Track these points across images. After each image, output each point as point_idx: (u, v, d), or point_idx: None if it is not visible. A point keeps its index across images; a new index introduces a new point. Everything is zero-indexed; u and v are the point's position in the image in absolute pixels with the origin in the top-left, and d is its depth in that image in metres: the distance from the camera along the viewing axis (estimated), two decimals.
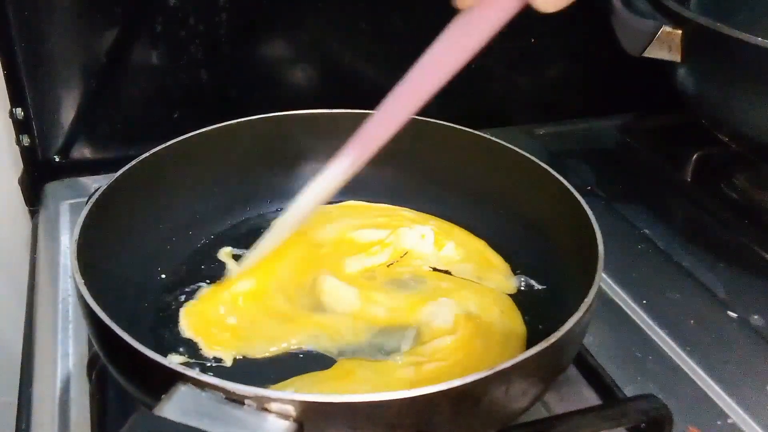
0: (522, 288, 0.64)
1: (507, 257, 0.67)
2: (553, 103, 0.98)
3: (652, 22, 0.71)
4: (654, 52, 0.72)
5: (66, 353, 0.62)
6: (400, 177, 0.72)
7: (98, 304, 0.47)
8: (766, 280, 0.72)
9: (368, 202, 0.72)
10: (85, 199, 0.57)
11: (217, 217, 0.69)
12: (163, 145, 0.64)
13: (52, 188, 0.83)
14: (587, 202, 0.58)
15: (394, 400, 0.40)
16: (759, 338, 0.65)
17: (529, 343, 0.57)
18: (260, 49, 0.85)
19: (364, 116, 0.70)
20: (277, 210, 0.71)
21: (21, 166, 0.84)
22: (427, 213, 0.71)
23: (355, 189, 0.70)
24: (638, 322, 0.67)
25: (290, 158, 0.71)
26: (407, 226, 0.68)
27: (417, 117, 0.69)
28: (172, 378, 0.41)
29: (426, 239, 0.66)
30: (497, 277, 0.64)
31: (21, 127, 0.80)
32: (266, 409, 0.39)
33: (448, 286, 0.62)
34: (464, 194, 0.70)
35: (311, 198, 0.57)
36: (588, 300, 0.48)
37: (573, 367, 0.56)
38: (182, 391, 0.40)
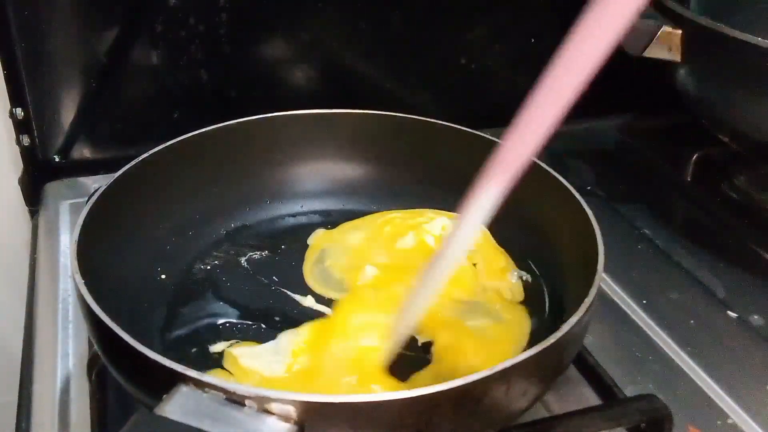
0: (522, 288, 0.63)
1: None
2: None
3: (652, 22, 0.71)
4: (654, 52, 0.72)
5: (66, 353, 0.62)
6: (398, 178, 0.72)
7: (98, 305, 0.47)
8: (766, 280, 0.72)
9: (367, 203, 0.72)
10: (85, 199, 0.57)
11: (217, 217, 0.69)
12: (163, 145, 0.64)
13: (52, 188, 0.83)
14: (587, 202, 0.58)
15: (394, 400, 0.40)
16: (759, 338, 0.65)
17: (529, 343, 0.57)
18: (260, 49, 0.85)
19: (364, 116, 0.71)
20: (277, 210, 0.71)
21: (21, 166, 0.84)
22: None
23: (352, 192, 0.71)
24: (638, 322, 0.67)
25: (290, 159, 0.71)
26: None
27: (416, 117, 0.70)
28: (173, 378, 0.41)
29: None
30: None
31: (21, 127, 0.80)
32: (267, 410, 0.39)
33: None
34: (464, 195, 0.70)
35: (462, 242, 0.47)
36: (588, 300, 0.48)
37: (573, 367, 0.56)
38: (183, 391, 0.40)
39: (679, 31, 0.71)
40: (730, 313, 0.68)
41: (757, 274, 0.73)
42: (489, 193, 0.45)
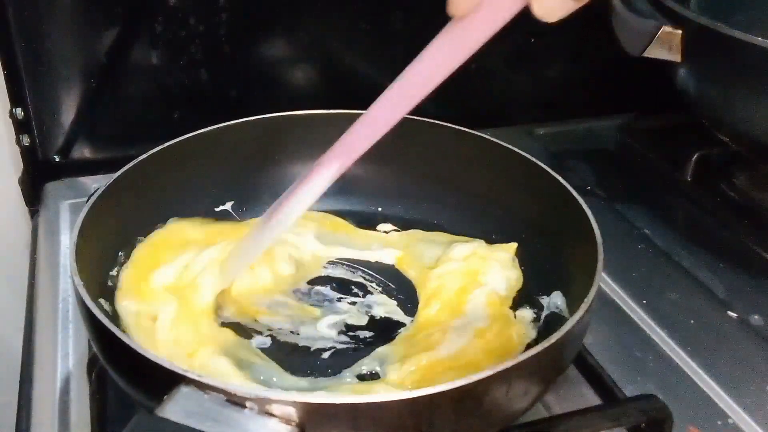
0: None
1: None
2: (553, 103, 0.98)
3: (652, 22, 0.71)
4: (654, 52, 0.72)
5: (66, 353, 0.62)
6: (399, 178, 0.72)
7: (97, 306, 0.47)
8: (766, 280, 0.72)
9: (367, 203, 0.72)
10: (85, 199, 0.57)
11: (216, 217, 0.69)
12: (163, 146, 0.64)
13: (52, 188, 0.83)
14: (587, 202, 0.58)
15: (395, 401, 0.41)
16: (759, 338, 0.65)
17: (529, 343, 0.57)
18: (260, 49, 0.85)
19: None
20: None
21: (21, 166, 0.84)
22: (426, 213, 0.71)
23: (351, 192, 0.71)
24: (638, 322, 0.67)
25: (290, 159, 0.71)
26: None
27: (416, 118, 0.69)
28: (174, 380, 0.41)
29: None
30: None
31: (21, 127, 0.81)
32: (268, 412, 0.39)
33: None
34: (464, 195, 0.70)
35: (294, 207, 0.54)
36: (588, 300, 0.48)
37: (573, 367, 0.56)
38: (184, 392, 0.40)
39: (679, 31, 0.71)
40: (730, 313, 0.68)
41: (757, 274, 0.73)
42: (328, 171, 0.51)
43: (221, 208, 0.70)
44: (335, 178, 0.52)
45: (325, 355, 0.57)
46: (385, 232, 0.71)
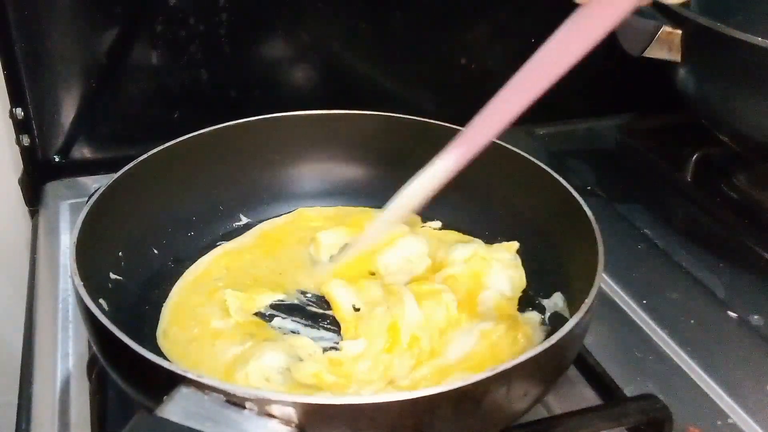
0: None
1: None
2: (553, 103, 0.97)
3: (652, 22, 0.71)
4: (654, 52, 0.72)
5: (66, 353, 0.62)
6: (399, 178, 0.72)
7: (97, 306, 0.47)
8: (766, 280, 0.72)
9: (366, 203, 0.72)
10: (85, 199, 0.57)
11: (216, 217, 0.69)
12: (162, 146, 0.64)
13: (52, 188, 0.83)
14: (587, 202, 0.58)
15: (395, 401, 0.41)
16: (759, 338, 0.65)
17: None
18: (260, 49, 0.85)
19: (364, 117, 0.71)
20: (276, 210, 0.71)
21: (21, 166, 0.84)
22: (426, 214, 0.71)
23: (351, 192, 0.71)
24: (638, 322, 0.67)
25: (289, 159, 0.71)
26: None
27: (416, 118, 0.70)
28: (173, 380, 0.41)
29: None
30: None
31: (21, 127, 0.80)
32: (268, 413, 0.39)
33: None
34: (463, 195, 0.70)
35: (413, 196, 0.54)
36: (588, 300, 0.48)
37: (573, 367, 0.56)
38: (184, 393, 0.40)
39: (679, 31, 0.71)
40: (730, 313, 0.68)
41: (757, 274, 0.73)
42: (449, 160, 0.52)
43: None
44: (457, 168, 0.52)
45: None
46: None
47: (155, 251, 0.64)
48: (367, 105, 0.71)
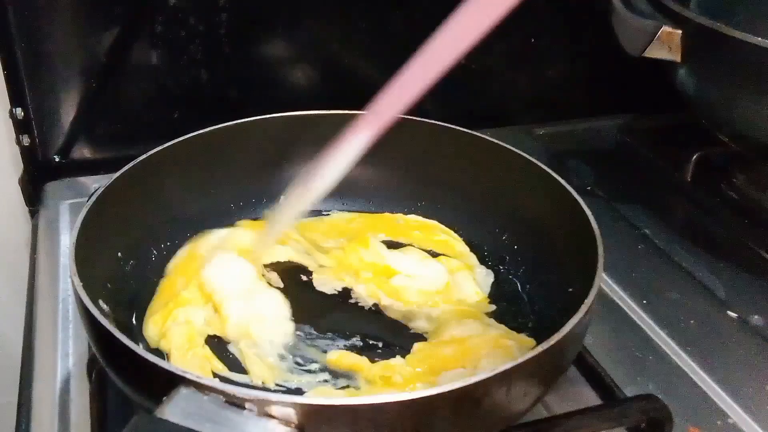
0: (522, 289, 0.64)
1: (506, 258, 0.67)
2: (553, 103, 0.98)
3: (652, 22, 0.71)
4: (654, 52, 0.72)
5: (66, 353, 0.62)
6: (398, 179, 0.72)
7: (97, 307, 0.47)
8: (766, 280, 0.72)
9: (364, 204, 0.73)
10: (85, 199, 0.57)
11: (216, 217, 0.69)
12: (163, 146, 0.64)
13: (52, 188, 0.83)
14: (587, 202, 0.58)
15: (394, 402, 0.40)
16: (759, 338, 0.65)
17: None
18: (260, 49, 0.85)
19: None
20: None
21: (21, 166, 0.84)
22: (427, 214, 0.72)
23: (351, 192, 0.71)
24: (638, 322, 0.67)
25: (289, 159, 0.71)
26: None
27: (416, 118, 0.69)
28: (173, 381, 0.41)
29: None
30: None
31: (21, 127, 0.80)
32: (267, 413, 0.39)
33: None
34: (463, 195, 0.70)
35: (327, 174, 0.55)
36: (588, 300, 0.48)
37: (573, 367, 0.56)
38: (183, 393, 0.40)
39: (679, 31, 0.71)
40: (730, 313, 0.68)
41: (757, 274, 0.73)
42: (360, 137, 0.52)
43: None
44: (366, 144, 0.52)
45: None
46: None
47: (155, 251, 0.64)
48: (367, 105, 0.71)
